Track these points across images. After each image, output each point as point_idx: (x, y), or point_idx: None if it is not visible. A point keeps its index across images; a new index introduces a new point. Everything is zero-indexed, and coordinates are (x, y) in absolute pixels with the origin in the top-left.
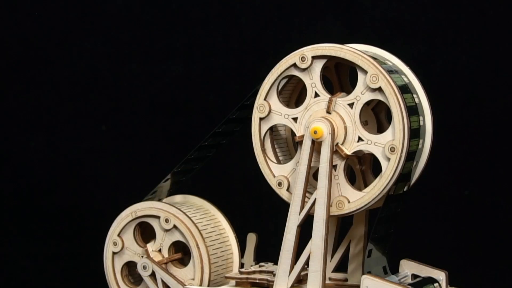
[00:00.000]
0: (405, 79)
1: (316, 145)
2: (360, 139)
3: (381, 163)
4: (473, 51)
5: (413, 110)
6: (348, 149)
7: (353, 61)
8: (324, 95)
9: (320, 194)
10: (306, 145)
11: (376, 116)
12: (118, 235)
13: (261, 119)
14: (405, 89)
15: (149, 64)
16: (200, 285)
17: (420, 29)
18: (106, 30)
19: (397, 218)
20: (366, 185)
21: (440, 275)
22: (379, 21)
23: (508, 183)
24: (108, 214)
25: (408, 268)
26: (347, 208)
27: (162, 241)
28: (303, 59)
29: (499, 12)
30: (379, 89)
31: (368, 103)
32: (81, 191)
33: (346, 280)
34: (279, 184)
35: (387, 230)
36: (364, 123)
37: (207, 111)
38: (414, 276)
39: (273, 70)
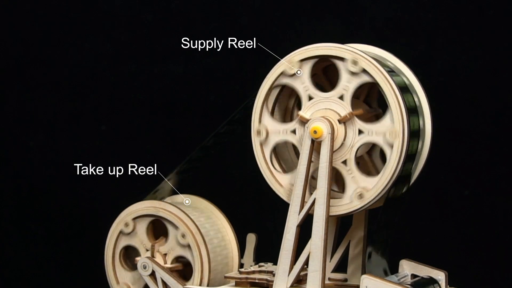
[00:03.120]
0: (405, 79)
1: (316, 145)
2: (360, 131)
3: (385, 152)
4: (473, 51)
5: (413, 110)
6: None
7: (330, 54)
8: (319, 96)
9: (319, 194)
10: (306, 145)
11: (369, 106)
12: (133, 219)
13: (261, 143)
14: (405, 90)
15: (149, 64)
16: (200, 285)
17: (420, 29)
18: (106, 30)
19: (396, 221)
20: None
21: (440, 275)
22: (379, 21)
23: (508, 183)
24: (108, 214)
25: (408, 268)
26: (367, 198)
27: (171, 250)
28: (290, 68)
29: (499, 12)
30: (363, 71)
31: (358, 94)
32: (81, 191)
33: (345, 280)
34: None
35: (386, 233)
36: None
37: (207, 111)
38: (414, 276)
39: (263, 83)
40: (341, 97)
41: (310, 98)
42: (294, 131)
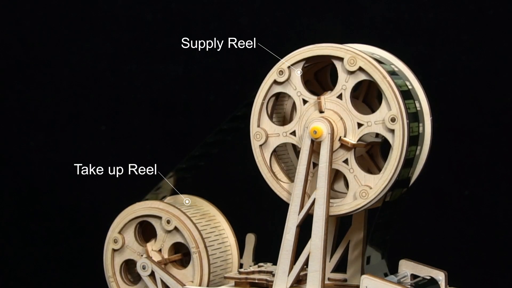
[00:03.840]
0: (408, 84)
1: (315, 145)
2: (359, 124)
3: (388, 139)
4: (473, 51)
5: (414, 116)
6: (353, 138)
7: (327, 54)
8: (312, 98)
9: (319, 194)
10: (305, 145)
11: (369, 106)
12: (119, 233)
13: (261, 146)
14: (407, 95)
15: (149, 64)
16: (200, 285)
17: (420, 29)
18: (106, 30)
19: (394, 223)
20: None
21: (440, 275)
22: (379, 21)
23: (508, 183)
24: (108, 214)
25: (408, 268)
26: (371, 196)
27: (163, 242)
28: (281, 72)
29: (499, 12)
30: (360, 69)
31: (355, 91)
32: (81, 191)
33: (345, 280)
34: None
35: (384, 235)
36: (354, 100)
37: (207, 111)
38: (414, 276)
39: (257, 94)
40: (339, 96)
41: (305, 102)
42: (293, 133)
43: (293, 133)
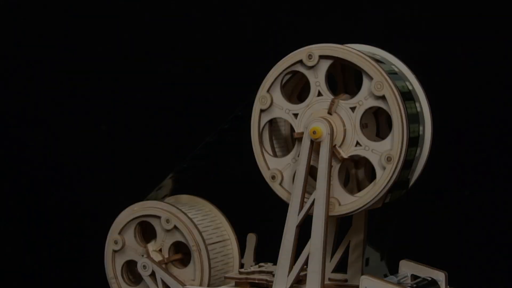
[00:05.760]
0: (408, 84)
1: (315, 145)
2: (358, 143)
3: (376, 171)
4: (473, 51)
5: (414, 118)
6: (345, 152)
7: (360, 66)
8: (327, 95)
9: (319, 194)
10: (305, 145)
11: (376, 119)
12: (119, 234)
13: (261, 110)
14: (408, 96)
15: (149, 64)
16: (200, 285)
17: (420, 29)
18: (106, 30)
19: (394, 224)
20: (360, 189)
21: (440, 276)
22: (379, 21)
23: (508, 183)
24: (108, 214)
25: (408, 268)
26: (337, 211)
27: (163, 241)
28: (310, 57)
29: (499, 12)
30: (383, 97)
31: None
32: (81, 191)
33: (345, 280)
34: (273, 177)
35: (384, 236)
36: (364, 126)
37: (207, 111)
38: (414, 276)
39: (278, 63)
40: (352, 109)
41: (319, 94)
42: (296, 115)
43: (296, 115)
